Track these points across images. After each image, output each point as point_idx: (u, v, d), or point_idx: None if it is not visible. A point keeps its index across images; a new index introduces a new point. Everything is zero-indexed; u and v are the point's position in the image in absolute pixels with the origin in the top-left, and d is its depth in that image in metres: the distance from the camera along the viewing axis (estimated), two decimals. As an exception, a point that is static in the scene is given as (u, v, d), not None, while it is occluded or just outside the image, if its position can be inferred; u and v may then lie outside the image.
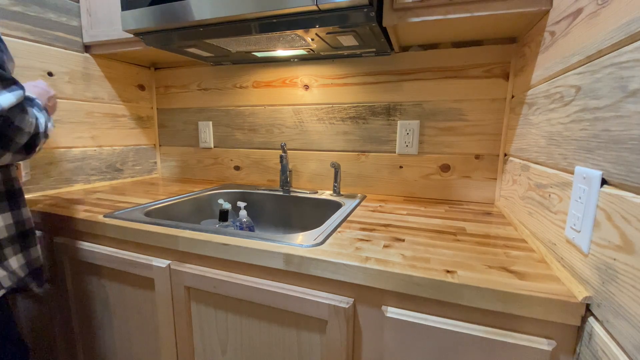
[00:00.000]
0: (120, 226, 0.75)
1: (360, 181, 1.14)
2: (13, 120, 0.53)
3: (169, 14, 0.84)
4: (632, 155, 0.36)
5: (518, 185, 0.79)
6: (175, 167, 1.45)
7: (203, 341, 0.73)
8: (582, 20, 0.51)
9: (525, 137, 0.77)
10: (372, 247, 0.62)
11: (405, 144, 1.05)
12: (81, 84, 1.14)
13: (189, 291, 0.72)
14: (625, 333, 0.36)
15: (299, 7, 0.72)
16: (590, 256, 0.44)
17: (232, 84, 1.27)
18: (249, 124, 1.27)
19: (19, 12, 0.95)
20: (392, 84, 1.05)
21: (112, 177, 1.28)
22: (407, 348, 0.54)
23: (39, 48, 1.00)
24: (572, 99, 0.52)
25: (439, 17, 0.72)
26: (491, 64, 0.93)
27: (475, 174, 1.00)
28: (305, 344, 0.63)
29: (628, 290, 0.36)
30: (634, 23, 0.37)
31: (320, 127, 1.16)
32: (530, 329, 0.48)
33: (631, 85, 0.37)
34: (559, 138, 0.56)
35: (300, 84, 1.16)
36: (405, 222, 0.78)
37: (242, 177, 1.32)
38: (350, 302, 0.57)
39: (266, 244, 0.63)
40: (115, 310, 0.83)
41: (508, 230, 0.73)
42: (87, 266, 0.84)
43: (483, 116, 0.96)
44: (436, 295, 0.50)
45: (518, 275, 0.51)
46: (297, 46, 0.95)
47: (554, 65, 0.61)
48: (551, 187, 0.58)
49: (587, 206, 0.44)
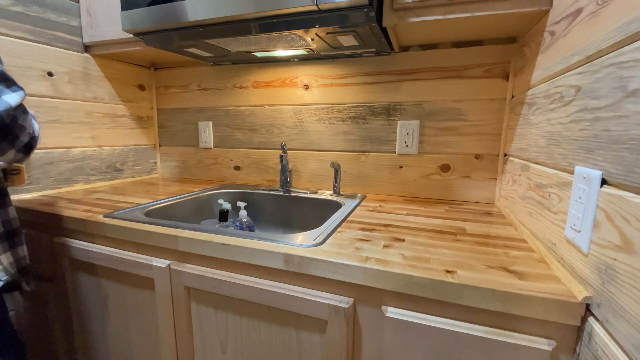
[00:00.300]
0: (120, 226, 0.76)
1: (360, 181, 1.14)
2: (18, 119, 0.56)
3: (169, 14, 0.84)
4: (632, 155, 0.36)
5: (518, 185, 0.79)
6: (175, 167, 1.45)
7: (203, 341, 0.73)
8: (582, 20, 0.51)
9: (525, 137, 0.77)
10: (372, 247, 0.62)
11: (405, 144, 1.05)
12: (81, 84, 1.14)
13: (189, 291, 0.72)
14: (625, 333, 0.36)
15: (299, 7, 0.72)
16: (590, 256, 0.44)
17: (232, 84, 1.27)
18: (249, 124, 1.27)
19: (19, 12, 0.95)
20: (392, 84, 1.05)
21: (112, 177, 1.28)
22: (407, 348, 0.54)
23: (39, 48, 1.00)
24: (572, 99, 0.52)
25: (439, 17, 0.72)
26: (491, 64, 0.93)
27: (475, 174, 1.00)
28: (305, 344, 0.63)
29: (628, 290, 0.36)
30: (634, 23, 0.37)
31: (320, 127, 1.16)
32: (530, 329, 0.48)
33: (631, 85, 0.37)
34: (559, 138, 0.56)
35: (300, 84, 1.16)
36: (405, 222, 0.78)
37: (242, 177, 1.32)
38: (350, 302, 0.57)
39: (266, 244, 0.63)
40: (115, 310, 0.83)
41: (508, 230, 0.73)
42: (87, 266, 0.84)
43: (483, 116, 0.96)
44: (436, 295, 0.50)
45: (518, 275, 0.51)
46: (297, 46, 0.95)
47: (554, 65, 0.61)
48: (551, 187, 0.58)
49: (587, 206, 0.44)
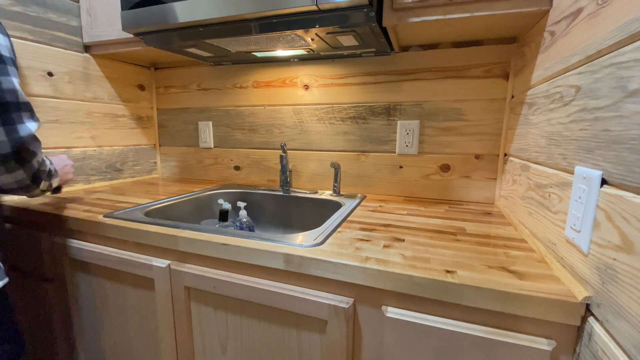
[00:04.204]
0: (120, 226, 0.76)
1: (360, 181, 1.14)
2: (30, 145, 0.66)
3: (169, 14, 0.84)
4: (632, 155, 0.36)
5: (518, 185, 0.79)
6: (175, 167, 1.45)
7: (203, 341, 0.73)
8: (582, 20, 0.51)
9: (525, 137, 0.77)
10: (372, 247, 0.62)
11: (405, 144, 1.05)
12: (81, 84, 1.14)
13: (189, 291, 0.72)
14: (625, 333, 0.36)
15: (299, 7, 0.72)
16: (590, 256, 0.44)
17: (232, 84, 1.27)
18: (249, 124, 1.27)
19: (19, 12, 0.95)
20: (392, 84, 1.05)
21: (112, 177, 1.28)
22: (407, 348, 0.54)
23: (39, 48, 1.00)
24: (572, 99, 0.52)
25: (439, 17, 0.72)
26: (491, 64, 0.93)
27: (475, 174, 1.00)
28: (305, 344, 0.63)
29: (628, 290, 0.36)
30: (634, 23, 0.37)
31: (320, 127, 1.16)
32: (530, 329, 0.48)
33: (631, 85, 0.37)
34: (559, 138, 0.56)
35: (300, 84, 1.16)
36: (405, 222, 0.78)
37: (242, 177, 1.32)
38: (350, 302, 0.57)
39: (266, 244, 0.63)
40: (115, 311, 0.83)
41: (508, 230, 0.73)
42: (87, 266, 0.84)
43: (483, 116, 0.96)
44: (436, 295, 0.50)
45: (518, 275, 0.51)
46: (297, 46, 0.95)
47: (554, 65, 0.61)
48: (551, 187, 0.58)
49: (587, 206, 0.44)
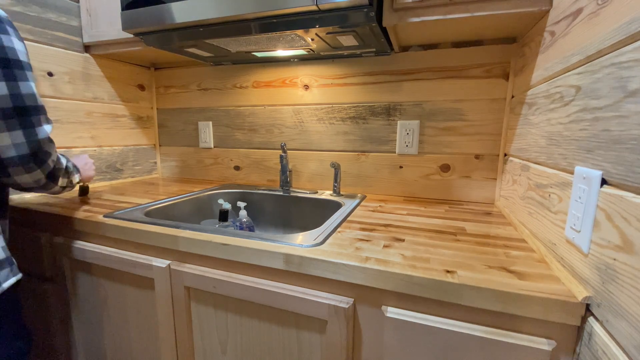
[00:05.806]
0: (120, 226, 0.76)
1: (360, 181, 1.14)
2: (45, 146, 0.68)
3: (169, 14, 0.84)
4: (632, 155, 0.36)
5: (518, 185, 0.79)
6: (175, 167, 1.45)
7: (203, 341, 0.73)
8: (582, 20, 0.51)
9: (525, 137, 0.77)
10: (372, 247, 0.62)
11: (405, 144, 1.05)
12: (81, 84, 1.14)
13: (189, 291, 0.72)
14: (625, 333, 0.36)
15: (299, 7, 0.72)
16: (590, 256, 0.44)
17: (232, 84, 1.27)
18: (249, 124, 1.27)
19: (19, 12, 0.95)
20: (392, 84, 1.05)
21: (112, 177, 1.28)
22: (407, 348, 0.54)
23: (39, 48, 1.00)
24: (572, 99, 0.52)
25: (439, 17, 0.72)
26: (491, 64, 0.93)
27: (475, 174, 1.00)
28: (305, 344, 0.63)
29: (628, 290, 0.36)
30: (634, 23, 0.37)
31: (320, 127, 1.16)
32: (530, 329, 0.48)
33: (631, 85, 0.37)
34: (559, 138, 0.56)
35: (300, 84, 1.16)
36: (405, 222, 0.78)
37: (242, 177, 1.32)
38: (350, 302, 0.57)
39: (266, 244, 0.63)
40: (115, 310, 0.83)
41: (508, 230, 0.73)
42: (87, 266, 0.84)
43: (483, 116, 0.96)
44: (436, 295, 0.50)
45: (518, 275, 0.51)
46: (297, 46, 0.95)
47: (554, 65, 0.61)
48: (551, 187, 0.58)
49: (587, 206, 0.44)
